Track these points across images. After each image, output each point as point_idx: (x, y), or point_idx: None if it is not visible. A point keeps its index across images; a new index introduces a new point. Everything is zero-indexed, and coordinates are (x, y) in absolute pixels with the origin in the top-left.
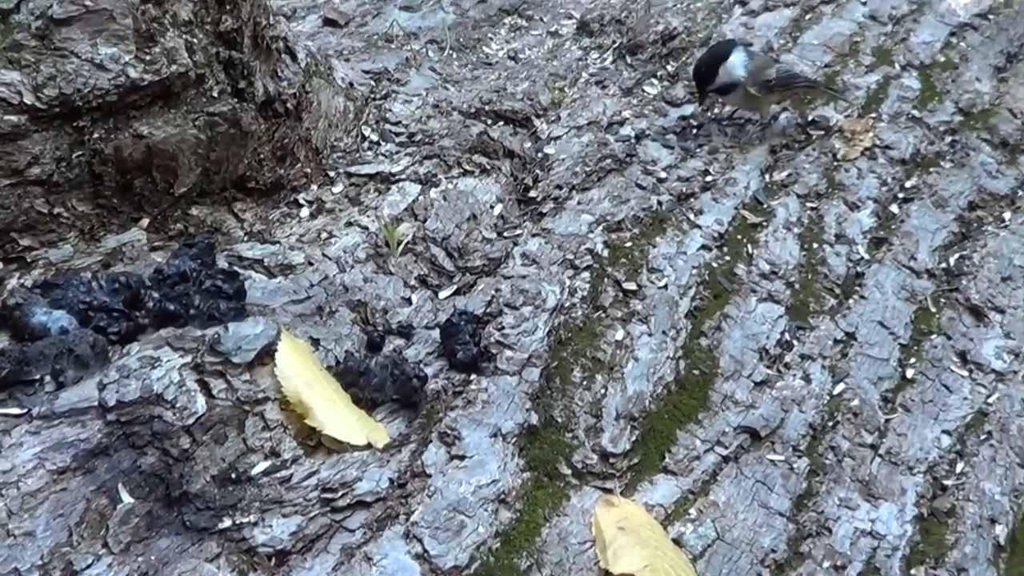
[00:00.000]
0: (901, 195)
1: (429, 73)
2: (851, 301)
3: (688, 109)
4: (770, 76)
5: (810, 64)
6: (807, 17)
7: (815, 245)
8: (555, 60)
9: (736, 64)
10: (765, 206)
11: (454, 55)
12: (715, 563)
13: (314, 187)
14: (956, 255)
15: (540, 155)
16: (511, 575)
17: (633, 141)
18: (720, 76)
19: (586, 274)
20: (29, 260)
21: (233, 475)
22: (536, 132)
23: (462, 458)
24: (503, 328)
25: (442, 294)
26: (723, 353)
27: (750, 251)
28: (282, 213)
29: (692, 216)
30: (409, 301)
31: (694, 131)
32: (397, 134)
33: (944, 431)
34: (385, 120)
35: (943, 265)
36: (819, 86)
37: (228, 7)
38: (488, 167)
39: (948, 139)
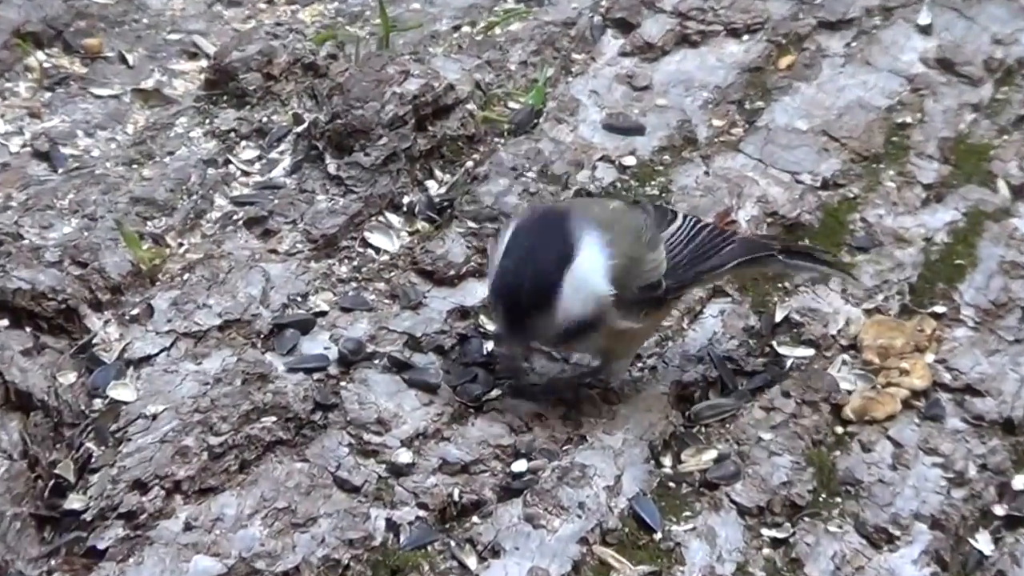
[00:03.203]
0: (1002, 510)
1: None
2: None
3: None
4: (651, 276)
5: (783, 183)
6: (783, 62)
7: None
8: (149, 163)
9: (591, 277)
10: (658, 538)
11: None
12: None
13: None
14: None
15: (104, 405)
16: None
17: (333, 377)
18: (561, 313)
19: None
20: None
21: None
22: (93, 349)
23: None
24: None
25: None
26: None
27: None
28: None
29: (474, 563)
30: None
31: (485, 347)
32: None
33: None
34: None
35: None
36: (799, 267)
37: None
38: None
39: None
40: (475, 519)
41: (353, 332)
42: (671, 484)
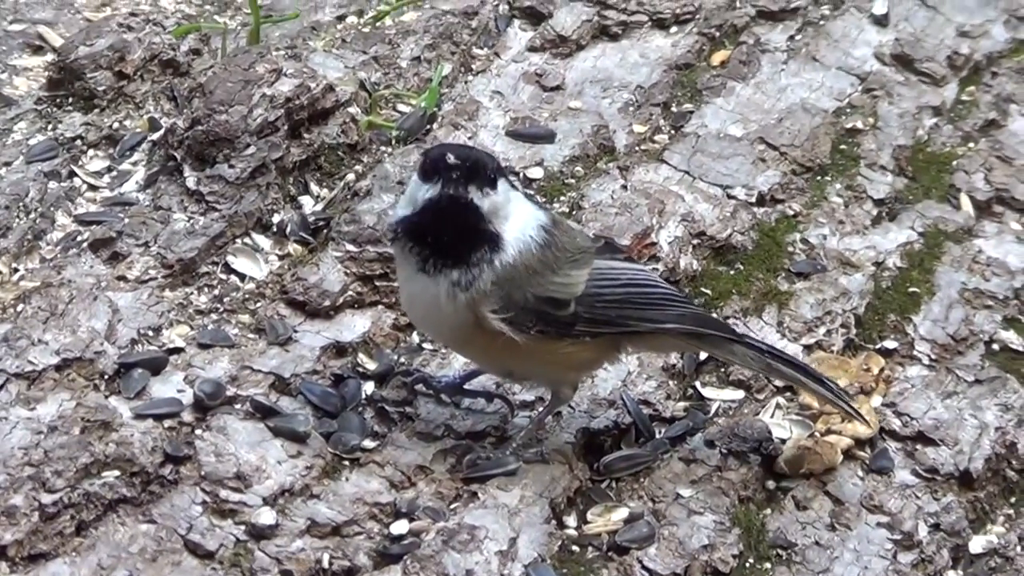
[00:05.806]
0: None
1: None
2: None
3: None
4: (556, 291)
5: (713, 198)
6: (716, 58)
7: None
8: None
9: None
10: None
11: None
12: None
13: None
14: None
15: None
16: None
17: (187, 425)
18: None
19: None
20: None
21: None
22: None
23: None
24: None
25: None
26: None
27: None
28: None
29: None
30: None
31: (364, 390)
32: None
33: None
34: None
35: None
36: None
37: None
38: None
39: None
40: None
41: (211, 372)
42: (575, 548)
